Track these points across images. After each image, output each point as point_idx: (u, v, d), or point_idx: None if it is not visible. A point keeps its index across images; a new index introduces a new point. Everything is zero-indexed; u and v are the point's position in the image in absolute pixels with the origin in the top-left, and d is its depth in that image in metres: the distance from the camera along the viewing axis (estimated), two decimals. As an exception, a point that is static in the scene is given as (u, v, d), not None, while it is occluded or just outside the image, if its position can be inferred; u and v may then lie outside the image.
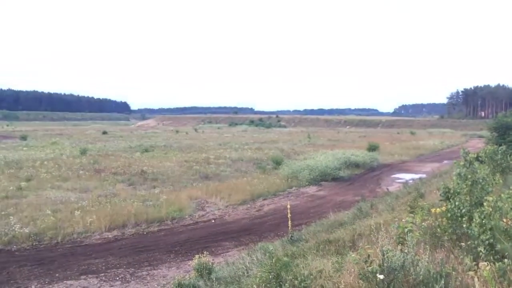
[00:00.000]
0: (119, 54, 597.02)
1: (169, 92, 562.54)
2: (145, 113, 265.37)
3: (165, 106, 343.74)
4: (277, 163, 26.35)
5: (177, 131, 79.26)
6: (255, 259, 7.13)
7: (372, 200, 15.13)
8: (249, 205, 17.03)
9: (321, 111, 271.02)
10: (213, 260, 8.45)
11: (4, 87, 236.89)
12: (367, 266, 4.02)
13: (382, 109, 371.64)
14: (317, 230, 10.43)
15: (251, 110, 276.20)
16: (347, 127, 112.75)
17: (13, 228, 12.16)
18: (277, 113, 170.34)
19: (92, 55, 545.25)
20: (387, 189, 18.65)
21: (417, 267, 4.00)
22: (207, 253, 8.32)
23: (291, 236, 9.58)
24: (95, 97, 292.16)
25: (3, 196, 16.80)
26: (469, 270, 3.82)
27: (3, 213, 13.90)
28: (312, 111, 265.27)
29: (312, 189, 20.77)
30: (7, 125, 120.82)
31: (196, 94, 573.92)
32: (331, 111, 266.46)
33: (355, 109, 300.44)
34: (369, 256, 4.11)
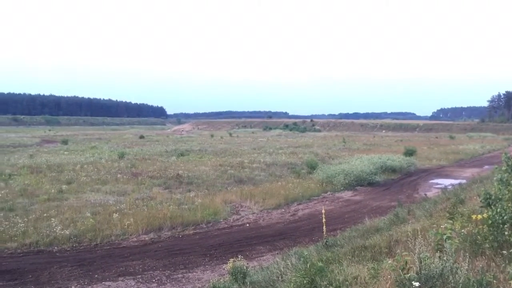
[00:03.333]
0: (156, 61, 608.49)
1: (204, 97, 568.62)
2: (180, 118, 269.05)
3: (200, 111, 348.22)
4: (312, 167, 26.19)
5: (212, 136, 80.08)
6: (289, 264, 7.09)
7: (409, 205, 14.79)
8: (283, 210, 16.99)
9: (356, 115, 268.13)
10: (247, 264, 8.46)
11: (47, 93, 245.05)
12: (404, 274, 3.95)
13: (420, 113, 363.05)
14: (352, 235, 10.28)
15: (285, 115, 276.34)
16: (383, 131, 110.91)
17: (55, 229, 12.57)
18: (311, 117, 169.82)
19: (130, 62, 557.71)
20: (425, 194, 18.23)
21: (456, 275, 3.90)
22: (242, 257, 8.35)
23: (326, 241, 9.48)
24: (133, 102, 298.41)
25: (45, 198, 17.42)
26: (512, 279, 3.70)
27: (45, 215, 14.41)
28: (347, 115, 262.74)
29: (347, 194, 20.54)
30: (49, 130, 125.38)
31: (231, 98, 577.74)
32: (366, 115, 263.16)
33: (391, 113, 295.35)
34: (406, 263, 4.03)
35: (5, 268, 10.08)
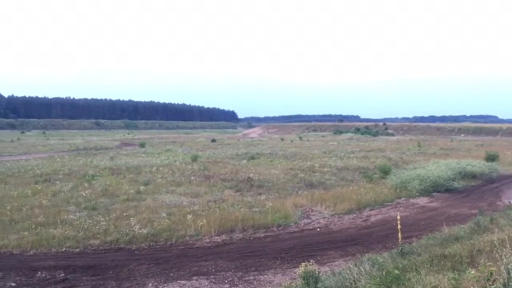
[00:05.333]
0: (228, 65, 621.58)
1: (275, 100, 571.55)
2: (251, 122, 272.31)
3: (271, 115, 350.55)
4: (385, 172, 25.44)
5: (282, 139, 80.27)
6: (363, 270, 6.91)
7: (492, 214, 13.92)
8: (355, 215, 16.63)
9: (432, 118, 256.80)
10: (319, 269, 8.36)
11: (126, 99, 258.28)
12: (489, 285, 3.71)
13: (503, 115, 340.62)
14: (430, 243, 9.84)
15: (356, 118, 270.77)
16: (462, 135, 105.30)
17: (133, 228, 13.19)
18: (384, 120, 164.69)
19: (203, 67, 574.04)
20: (510, 202, 17.08)
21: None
22: (313, 261, 8.27)
23: (402, 249, 9.14)
24: (205, 106, 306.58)
25: (124, 198, 18.35)
26: None
27: (124, 214, 15.17)
28: (422, 118, 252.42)
29: (422, 200, 19.71)
30: (128, 133, 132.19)
31: (302, 102, 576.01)
32: (443, 118, 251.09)
33: (470, 116, 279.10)
34: (491, 273, 3.79)
35: (88, 264, 10.70)
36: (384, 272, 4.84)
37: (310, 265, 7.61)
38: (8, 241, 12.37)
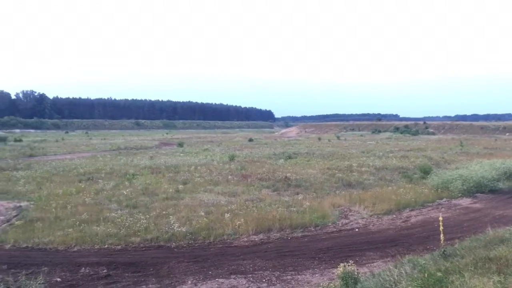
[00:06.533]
0: (265, 66, 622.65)
1: (312, 100, 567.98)
2: (288, 121, 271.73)
3: (308, 114, 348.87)
4: (425, 172, 24.84)
5: (319, 139, 79.74)
6: (403, 272, 6.78)
7: (540, 216, 13.37)
8: (394, 216, 16.31)
9: (475, 117, 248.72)
10: (357, 269, 8.26)
11: (165, 99, 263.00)
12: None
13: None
14: (473, 245, 9.52)
15: (395, 117, 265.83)
16: (507, 134, 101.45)
17: (173, 226, 13.41)
18: (424, 119, 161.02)
19: (240, 68, 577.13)
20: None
21: None
22: (352, 262, 8.18)
23: (444, 251, 8.90)
24: (242, 106, 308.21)
25: (164, 197, 18.70)
26: None
27: (164, 212, 15.45)
28: (464, 117, 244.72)
29: (465, 201, 19.12)
30: (167, 133, 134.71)
31: (339, 101, 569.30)
32: (487, 117, 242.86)
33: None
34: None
35: (129, 261, 10.97)
36: (426, 274, 4.73)
37: (349, 265, 7.54)
38: (53, 237, 12.84)
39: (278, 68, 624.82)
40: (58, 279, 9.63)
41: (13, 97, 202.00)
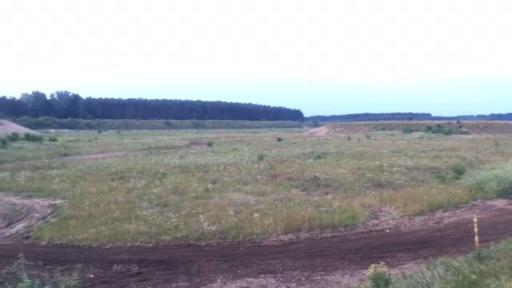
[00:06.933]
0: (292, 65, 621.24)
1: (341, 99, 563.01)
2: (317, 120, 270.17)
3: (337, 113, 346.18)
4: (458, 172, 24.24)
5: (349, 138, 78.96)
6: (436, 274, 6.64)
7: None
8: (426, 217, 15.97)
9: (511, 116, 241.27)
10: (388, 271, 8.14)
11: (194, 99, 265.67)
12: None
13: None
14: (509, 248, 9.24)
15: (427, 116, 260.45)
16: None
17: (202, 225, 13.50)
18: (457, 118, 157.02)
19: (268, 68, 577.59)
20: None
21: None
22: (383, 263, 8.06)
23: (479, 253, 8.67)
24: (271, 106, 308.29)
25: (193, 196, 18.88)
26: None
27: (194, 211, 15.59)
28: (500, 116, 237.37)
29: (501, 203, 18.55)
30: (196, 133, 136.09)
31: (369, 100, 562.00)
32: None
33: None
34: None
35: (160, 259, 11.13)
36: (460, 277, 4.62)
37: (380, 267, 7.44)
38: (87, 234, 13.14)
39: (308, 68, 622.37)
40: (92, 276, 9.85)
41: (48, 98, 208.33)
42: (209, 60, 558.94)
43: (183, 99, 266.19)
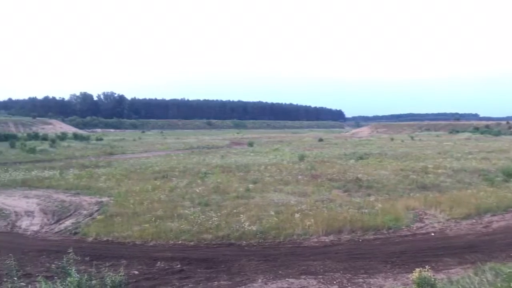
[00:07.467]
0: (334, 65, 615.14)
1: (384, 99, 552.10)
2: (359, 121, 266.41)
3: (380, 114, 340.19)
4: (509, 175, 23.27)
5: (392, 139, 77.37)
6: (484, 280, 6.41)
7: None
8: (474, 220, 15.42)
9: None
10: (434, 275, 7.91)
11: (235, 99, 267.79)
12: None
13: None
14: None
15: (475, 116, 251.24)
16: None
17: (243, 225, 13.57)
18: (508, 119, 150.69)
19: (310, 67, 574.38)
20: None
21: None
22: (428, 267, 7.84)
23: (530, 259, 8.30)
24: (312, 106, 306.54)
25: (234, 196, 19.01)
26: None
27: (234, 211, 15.70)
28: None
29: (555, 207, 17.67)
30: (237, 133, 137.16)
31: (413, 100, 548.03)
32: None
33: None
34: None
35: (202, 257, 11.27)
36: (511, 284, 4.43)
37: (425, 271, 7.24)
38: (131, 232, 13.49)
39: (350, 68, 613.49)
40: (136, 272, 10.10)
41: (95, 98, 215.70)
42: (251, 60, 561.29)
43: (224, 99, 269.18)
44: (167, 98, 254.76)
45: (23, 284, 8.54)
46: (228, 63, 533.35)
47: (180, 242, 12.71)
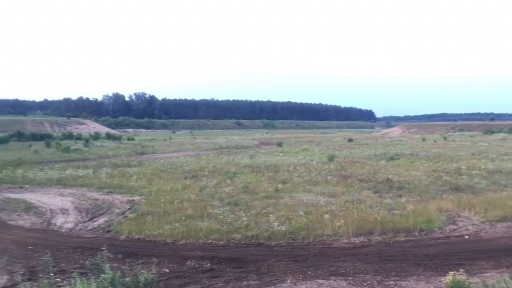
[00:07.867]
0: (364, 64, 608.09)
1: (416, 99, 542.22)
2: (390, 121, 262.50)
3: (411, 114, 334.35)
4: (547, 176, 22.52)
5: (423, 139, 75.94)
6: (521, 285, 6.22)
7: None
8: (510, 223, 14.94)
9: None
10: (468, 279, 7.73)
11: (264, 99, 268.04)
12: None
13: None
14: None
15: (511, 116, 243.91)
16: None
17: (272, 225, 13.58)
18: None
19: (339, 67, 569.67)
20: None
21: None
22: (462, 270, 7.66)
23: None
24: (342, 106, 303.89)
25: (263, 196, 19.02)
26: None
27: (264, 211, 15.72)
28: None
29: None
30: (266, 133, 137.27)
31: (445, 100, 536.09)
32: None
33: None
34: None
35: (231, 256, 11.32)
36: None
37: (459, 274, 7.09)
38: (162, 230, 13.68)
39: (381, 67, 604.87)
40: (167, 270, 10.24)
41: (127, 99, 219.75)
42: (279, 60, 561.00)
43: (253, 99, 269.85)
44: (197, 98, 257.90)
45: (58, 279, 8.79)
46: (257, 63, 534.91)
47: (209, 241, 12.80)
